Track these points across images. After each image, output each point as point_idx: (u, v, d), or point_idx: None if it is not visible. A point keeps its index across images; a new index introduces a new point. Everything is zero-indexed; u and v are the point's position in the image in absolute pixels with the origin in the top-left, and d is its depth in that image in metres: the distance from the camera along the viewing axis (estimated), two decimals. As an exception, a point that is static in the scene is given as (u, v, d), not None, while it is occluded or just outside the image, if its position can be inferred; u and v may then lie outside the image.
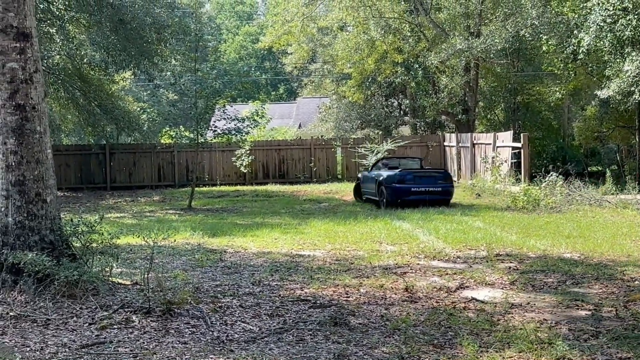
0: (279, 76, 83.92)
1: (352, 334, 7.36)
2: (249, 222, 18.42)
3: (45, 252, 8.10)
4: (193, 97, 22.75)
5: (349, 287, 9.73)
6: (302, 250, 13.19)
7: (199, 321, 7.51)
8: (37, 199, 8.28)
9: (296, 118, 60.15)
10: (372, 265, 11.40)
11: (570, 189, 21.15)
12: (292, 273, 10.77)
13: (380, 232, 15.39)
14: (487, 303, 8.79)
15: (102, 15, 25.07)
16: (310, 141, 34.21)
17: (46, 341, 6.80)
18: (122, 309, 7.68)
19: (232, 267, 11.35)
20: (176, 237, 14.18)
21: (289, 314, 8.15)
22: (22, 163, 8.21)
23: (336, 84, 46.37)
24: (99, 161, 32.48)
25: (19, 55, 8.23)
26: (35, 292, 7.85)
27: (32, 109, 8.30)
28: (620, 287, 9.47)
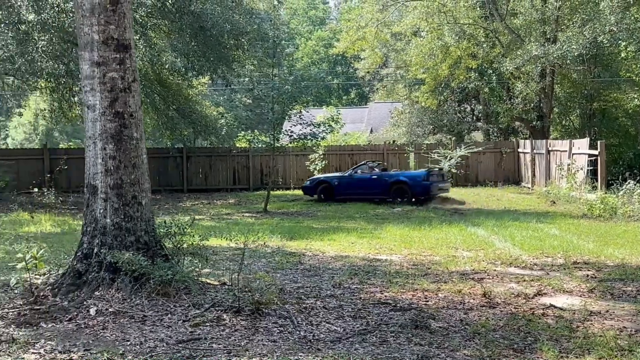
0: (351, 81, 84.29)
1: (433, 337, 7.59)
2: (324, 226, 18.74)
3: (141, 252, 8.54)
4: (270, 102, 23.20)
5: (428, 292, 9.95)
6: (379, 255, 13.45)
7: (286, 321, 7.85)
8: (133, 202, 8.74)
9: (367, 123, 60.33)
10: (449, 271, 11.58)
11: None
12: (371, 277, 11.03)
13: (455, 237, 15.54)
14: (565, 310, 8.91)
15: (183, 22, 25.76)
16: (383, 146, 34.42)
17: (145, 336, 7.21)
18: (213, 308, 8.07)
19: (312, 269, 11.66)
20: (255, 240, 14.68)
21: (370, 316, 8.42)
22: (120, 167, 8.67)
23: (409, 89, 46.46)
24: (177, 164, 33.25)
25: (119, 66, 8.70)
26: (132, 290, 8.29)
27: (129, 116, 8.76)
28: (702, 297, 9.49)
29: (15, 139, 65.23)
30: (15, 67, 24.53)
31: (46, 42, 22.90)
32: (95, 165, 8.74)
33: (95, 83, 8.68)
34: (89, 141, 8.84)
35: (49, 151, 32.88)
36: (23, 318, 7.71)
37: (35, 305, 8.07)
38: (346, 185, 26.70)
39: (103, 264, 8.51)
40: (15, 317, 7.76)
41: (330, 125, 23.90)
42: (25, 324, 7.52)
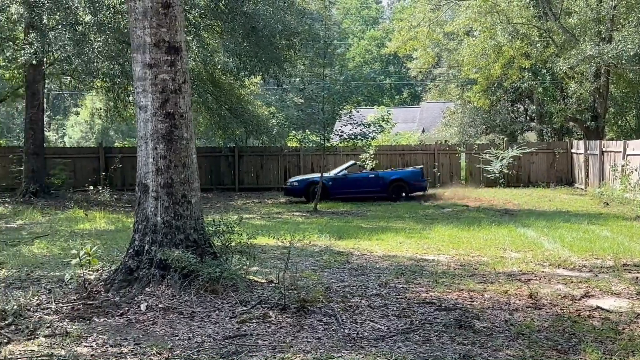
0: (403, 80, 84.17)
1: (476, 337, 7.64)
2: (373, 225, 18.82)
3: (190, 250, 8.75)
4: (321, 102, 23.36)
5: (473, 292, 9.98)
6: (426, 255, 13.50)
7: (330, 319, 7.97)
8: (183, 200, 8.95)
9: (419, 122, 60.18)
10: (496, 272, 11.59)
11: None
12: (417, 276, 11.09)
13: (504, 238, 15.50)
14: (612, 312, 8.88)
15: (235, 23, 26.04)
16: (434, 146, 34.34)
17: (193, 332, 7.40)
18: (259, 305, 8.23)
19: (359, 269, 11.77)
20: (304, 239, 14.85)
21: (415, 315, 8.50)
22: (170, 167, 8.89)
23: (461, 89, 46.28)
24: (228, 163, 33.60)
25: (170, 68, 8.92)
26: (181, 286, 8.50)
27: (180, 117, 8.98)
28: None
29: (72, 137, 66.48)
30: (72, 67, 25.07)
31: (102, 43, 23.36)
32: (146, 165, 8.97)
33: (147, 84, 8.91)
34: (141, 141, 9.07)
35: (104, 150, 33.49)
36: (76, 312, 7.96)
37: (88, 300, 8.32)
38: (341, 184, 27.40)
39: (153, 261, 8.73)
40: (69, 311, 8.02)
41: (380, 125, 23.98)
42: (78, 318, 7.77)
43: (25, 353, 6.50)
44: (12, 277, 10.22)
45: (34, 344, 6.85)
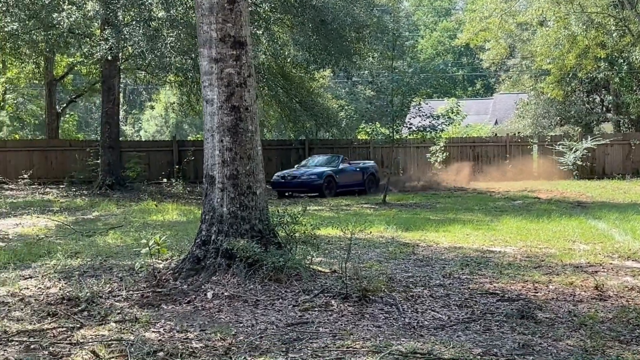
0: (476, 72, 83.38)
1: (538, 327, 7.64)
2: (441, 217, 18.82)
3: (254, 239, 8.96)
4: (389, 94, 23.42)
5: (538, 283, 9.94)
6: (493, 247, 13.45)
7: (391, 308, 8.08)
8: (248, 192, 9.16)
9: (492, 114, 59.63)
10: (563, 263, 11.50)
11: None
12: (482, 268, 11.08)
13: (574, 230, 15.33)
14: (680, 305, 8.77)
15: (305, 17, 26.28)
16: (505, 138, 34.03)
17: (256, 319, 7.60)
18: (322, 294, 8.39)
19: (424, 260, 11.81)
20: (371, 230, 14.94)
21: (477, 305, 8.54)
22: (235, 159, 9.11)
23: (534, 80, 45.66)
24: (299, 155, 33.85)
25: (235, 62, 9.13)
26: (246, 275, 8.71)
27: (245, 110, 9.19)
28: None
29: (147, 131, 67.88)
30: (146, 62, 25.64)
31: (174, 38, 23.84)
32: (213, 157, 9.22)
33: (213, 78, 9.14)
34: (208, 134, 9.32)
35: (178, 143, 34.14)
36: (146, 300, 8.24)
37: (157, 288, 8.60)
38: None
39: (219, 251, 8.97)
40: (139, 298, 8.31)
41: (449, 117, 23.91)
42: (147, 305, 8.05)
43: (96, 337, 6.78)
44: (86, 266, 10.58)
45: (104, 329, 7.13)
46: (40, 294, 8.79)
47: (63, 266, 10.52)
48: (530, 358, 6.54)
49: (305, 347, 6.60)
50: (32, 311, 7.89)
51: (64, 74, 36.92)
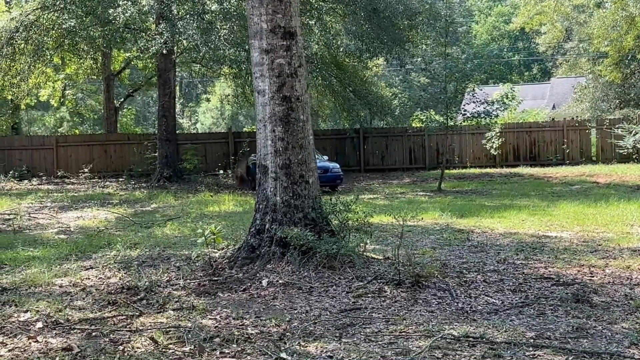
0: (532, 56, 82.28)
1: (593, 311, 7.61)
2: (497, 204, 18.71)
3: (308, 228, 9.07)
4: (443, 81, 23.32)
5: (594, 267, 9.87)
6: (548, 232, 13.36)
7: (444, 293, 8.12)
8: (300, 180, 9.28)
9: (550, 99, 58.83)
10: (620, 247, 11.38)
11: None
12: (537, 253, 11.02)
13: (632, 214, 15.13)
14: None
15: (357, 6, 26.30)
16: (562, 122, 33.55)
17: (310, 305, 7.71)
18: (375, 280, 8.47)
19: (479, 246, 11.78)
20: (425, 217, 14.96)
21: (531, 290, 8.52)
22: (287, 148, 9.23)
23: (592, 63, 44.91)
24: (354, 145, 33.90)
25: (286, 52, 9.24)
26: (300, 263, 8.83)
27: (296, 100, 9.29)
28: None
29: (204, 123, 68.55)
30: (200, 55, 25.93)
31: (227, 31, 24.06)
32: (265, 147, 9.35)
33: (264, 69, 9.26)
34: (260, 124, 9.45)
35: (233, 134, 34.40)
36: (202, 288, 8.42)
37: (213, 277, 8.78)
38: None
39: (274, 239, 9.10)
40: (196, 287, 8.49)
41: (504, 102, 23.70)
42: (204, 294, 8.22)
43: (155, 325, 6.96)
44: (145, 256, 10.82)
45: (163, 316, 7.31)
46: (101, 284, 9.03)
47: (122, 257, 10.78)
48: (584, 341, 6.53)
49: (358, 332, 6.69)
50: (93, 300, 8.12)
51: (121, 69, 37.52)
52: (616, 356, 6.10)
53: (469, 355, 5.97)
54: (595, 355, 6.09)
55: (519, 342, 6.32)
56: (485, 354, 6.01)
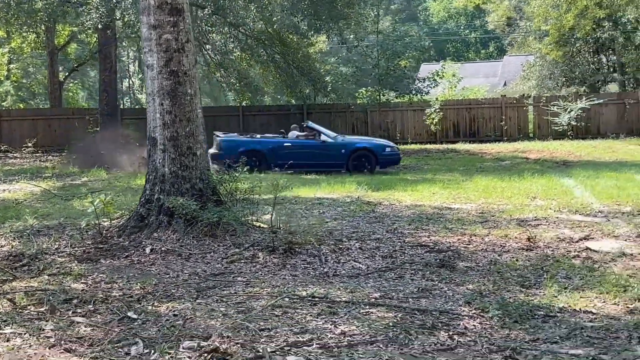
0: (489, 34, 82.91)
1: (451, 274, 8.09)
2: (418, 178, 19.20)
3: (194, 198, 9.44)
4: (375, 58, 23.72)
5: (475, 236, 10.35)
6: (453, 204, 13.82)
7: (314, 259, 8.56)
8: (188, 152, 9.63)
9: (501, 76, 59.60)
10: (511, 218, 11.85)
11: None
12: (430, 223, 11.44)
13: (539, 188, 15.66)
14: (599, 252, 9.17)
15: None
16: (501, 100, 34.15)
17: (184, 270, 8.10)
18: (252, 247, 8.88)
19: (379, 217, 12.19)
20: (341, 190, 15.43)
21: (403, 256, 8.99)
22: (175, 121, 9.57)
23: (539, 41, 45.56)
24: (297, 120, 34.17)
25: (173, 28, 9.55)
26: (185, 231, 9.21)
27: (184, 75, 9.62)
28: None
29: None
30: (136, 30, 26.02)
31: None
32: (154, 120, 9.68)
33: (152, 44, 9.57)
34: (149, 97, 9.78)
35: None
36: (86, 255, 8.76)
37: (100, 245, 9.12)
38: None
39: (161, 209, 9.46)
40: (81, 254, 8.83)
41: (435, 80, 24.16)
42: (87, 260, 8.56)
43: (24, 288, 7.28)
44: (42, 226, 11.07)
45: (36, 281, 7.65)
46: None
47: (25, 227, 11.04)
48: (423, 300, 7.00)
49: (215, 294, 7.10)
50: (-26, 266, 8.43)
51: (65, 43, 37.43)
52: (445, 312, 6.58)
53: (306, 313, 6.40)
54: (426, 312, 6.57)
55: (359, 302, 6.76)
56: (322, 311, 6.45)
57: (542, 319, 6.55)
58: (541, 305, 6.93)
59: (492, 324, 6.31)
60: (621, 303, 6.98)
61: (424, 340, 5.83)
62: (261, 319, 6.18)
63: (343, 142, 23.13)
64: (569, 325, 6.30)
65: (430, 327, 6.14)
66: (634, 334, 6.05)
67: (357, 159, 22.39)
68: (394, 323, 6.18)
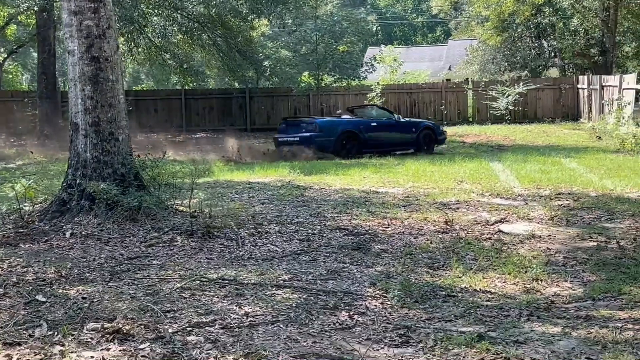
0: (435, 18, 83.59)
1: (365, 257, 8.34)
2: (353, 162, 19.46)
3: (116, 182, 9.56)
4: (314, 43, 23.90)
5: (395, 220, 10.61)
6: (381, 188, 14.09)
7: (232, 242, 8.75)
8: (110, 138, 9.73)
9: (446, 60, 60.21)
10: (434, 202, 12.17)
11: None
12: (355, 207, 11.68)
13: (467, 171, 16.04)
14: (510, 235, 9.52)
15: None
16: (441, 84, 34.67)
17: (101, 254, 8.21)
18: (171, 231, 9.02)
19: (307, 201, 12.38)
20: (273, 174, 15.63)
21: (321, 239, 9.21)
22: (97, 107, 9.66)
23: (481, 26, 46.19)
24: (240, 104, 34.32)
25: (94, 14, 9.62)
26: (106, 216, 9.32)
27: (105, 60, 9.71)
28: (649, 224, 9.90)
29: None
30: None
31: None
32: (76, 105, 9.75)
33: (73, 30, 9.63)
34: (71, 83, 9.85)
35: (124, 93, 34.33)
36: (5, 240, 8.81)
37: (20, 229, 9.19)
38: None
39: (83, 193, 9.56)
40: (0, 238, 8.89)
41: (372, 64, 24.44)
42: (5, 245, 8.62)
43: None
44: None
45: (-52, 265, 7.71)
46: None
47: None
48: (330, 282, 7.24)
49: (128, 277, 7.24)
50: None
51: (4, 24, 36.89)
52: (350, 293, 6.83)
53: (213, 295, 6.59)
54: (331, 293, 6.81)
55: (267, 284, 6.98)
56: (230, 293, 6.65)
57: (443, 298, 6.83)
58: (444, 286, 7.21)
59: (393, 304, 6.56)
60: (520, 283, 7.29)
61: (324, 320, 6.06)
62: (168, 301, 6.35)
63: (412, 121, 24.20)
64: (466, 305, 6.59)
65: (332, 308, 6.37)
66: (524, 311, 6.37)
67: (423, 138, 23.00)
68: (298, 304, 6.40)
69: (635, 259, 7.97)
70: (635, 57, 39.23)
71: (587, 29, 33.20)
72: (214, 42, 32.12)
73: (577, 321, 6.06)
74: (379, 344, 5.58)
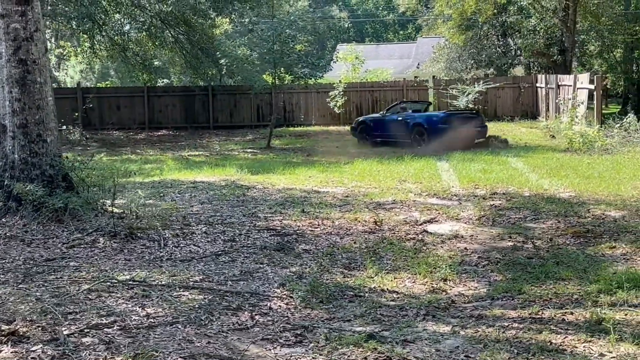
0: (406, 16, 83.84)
1: (285, 258, 8.48)
2: (304, 161, 19.60)
3: (44, 184, 9.63)
4: (270, 42, 23.96)
5: (327, 220, 10.75)
6: (324, 187, 14.23)
7: (154, 244, 8.85)
8: (38, 139, 9.80)
9: (415, 58, 60.45)
10: (370, 202, 12.32)
11: (630, 131, 21.16)
12: (291, 207, 11.80)
13: (412, 171, 16.18)
14: (434, 235, 9.70)
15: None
16: (402, 83, 34.79)
17: (22, 255, 8.29)
18: (95, 232, 9.11)
19: (246, 202, 12.46)
20: (220, 174, 15.73)
21: (246, 240, 9.33)
22: (24, 109, 9.72)
23: (446, 24, 46.47)
24: (202, 102, 34.30)
25: (21, 17, 9.68)
26: (32, 217, 9.39)
27: (32, 63, 9.77)
28: (569, 224, 10.11)
29: (73, 77, 67.27)
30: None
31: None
32: (4, 107, 9.81)
33: (0, 33, 9.69)
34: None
35: (82, 90, 34.28)
36: None
37: (-54, 231, 9.24)
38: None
39: (11, 195, 9.62)
40: None
41: (327, 64, 24.58)
42: None
43: None
44: None
45: None
46: None
47: None
48: (241, 283, 7.38)
49: (41, 278, 7.33)
50: None
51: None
52: (256, 294, 6.96)
53: (119, 296, 6.71)
54: (238, 294, 6.94)
55: (175, 285, 7.10)
56: (136, 294, 6.77)
57: (349, 299, 6.99)
58: (354, 286, 7.37)
59: (297, 305, 6.71)
60: (428, 283, 7.47)
61: (225, 320, 6.20)
62: (72, 303, 6.46)
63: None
64: (370, 305, 6.75)
65: (235, 309, 6.51)
66: (422, 311, 6.54)
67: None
68: (201, 305, 6.53)
69: (544, 259, 8.18)
70: (599, 56, 39.71)
71: (546, 28, 33.47)
72: (177, 40, 32.11)
73: (468, 321, 6.24)
74: (273, 344, 5.72)
